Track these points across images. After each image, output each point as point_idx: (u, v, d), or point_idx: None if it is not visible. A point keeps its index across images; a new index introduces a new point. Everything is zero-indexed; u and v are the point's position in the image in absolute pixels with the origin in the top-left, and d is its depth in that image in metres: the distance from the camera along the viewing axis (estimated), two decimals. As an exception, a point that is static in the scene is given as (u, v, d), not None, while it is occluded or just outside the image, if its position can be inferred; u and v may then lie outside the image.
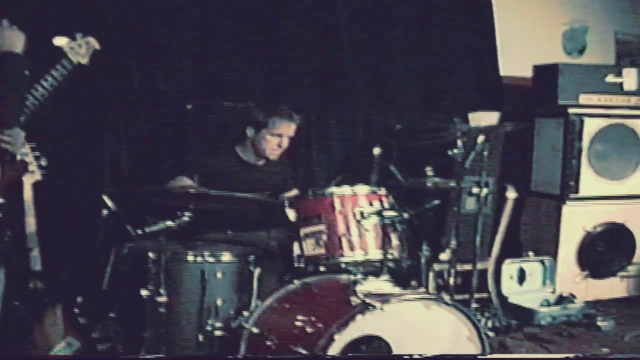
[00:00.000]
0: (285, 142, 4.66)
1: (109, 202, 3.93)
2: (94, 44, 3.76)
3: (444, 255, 5.08)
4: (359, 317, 3.30)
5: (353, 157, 5.66)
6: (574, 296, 5.52)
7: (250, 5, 5.34)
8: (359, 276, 3.69)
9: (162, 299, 3.57)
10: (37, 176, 3.77)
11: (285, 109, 4.67)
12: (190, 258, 3.78)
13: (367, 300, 3.37)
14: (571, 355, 4.58)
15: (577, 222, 5.81)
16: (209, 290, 3.75)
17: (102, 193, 4.03)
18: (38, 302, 3.92)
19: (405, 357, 3.38)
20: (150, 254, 3.70)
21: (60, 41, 3.72)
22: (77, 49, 3.74)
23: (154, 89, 5.04)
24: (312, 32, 5.61)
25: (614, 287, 5.94)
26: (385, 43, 5.92)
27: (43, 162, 3.78)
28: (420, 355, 3.33)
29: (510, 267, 5.59)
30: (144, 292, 3.59)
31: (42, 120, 3.70)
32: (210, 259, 3.80)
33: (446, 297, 3.54)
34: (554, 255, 5.75)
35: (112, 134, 4.91)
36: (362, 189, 3.91)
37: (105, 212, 3.95)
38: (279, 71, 5.48)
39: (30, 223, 3.86)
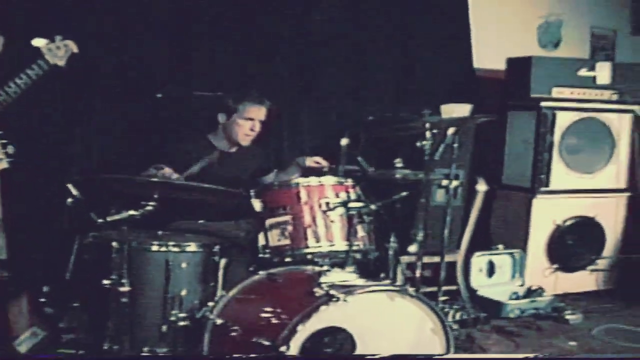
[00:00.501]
0: (257, 126, 4.65)
1: (73, 190, 3.88)
2: (72, 47, 3.76)
3: (412, 248, 5.06)
4: (322, 308, 3.28)
5: (324, 146, 5.63)
6: (543, 289, 5.53)
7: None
8: (324, 267, 3.67)
9: (125, 289, 3.53)
10: (4, 164, 3.75)
11: (255, 94, 4.67)
12: (154, 248, 3.75)
13: (331, 292, 3.35)
14: (531, 355, 4.58)
15: (547, 215, 5.83)
16: (173, 281, 3.72)
17: (66, 181, 3.98)
18: (3, 291, 3.90)
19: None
20: (114, 244, 3.66)
21: (38, 42, 3.71)
22: (55, 50, 3.75)
23: (124, 77, 4.99)
24: (285, 19, 5.58)
25: (583, 281, 5.97)
26: (360, 33, 5.90)
27: (10, 150, 3.75)
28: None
29: (479, 260, 5.59)
30: (106, 282, 3.55)
31: (10, 108, 3.68)
32: (175, 249, 3.77)
33: (410, 289, 3.52)
34: (524, 248, 5.76)
35: (82, 123, 4.86)
36: (328, 180, 3.89)
37: (69, 200, 3.89)
38: (250, 59, 5.44)
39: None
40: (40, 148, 4.66)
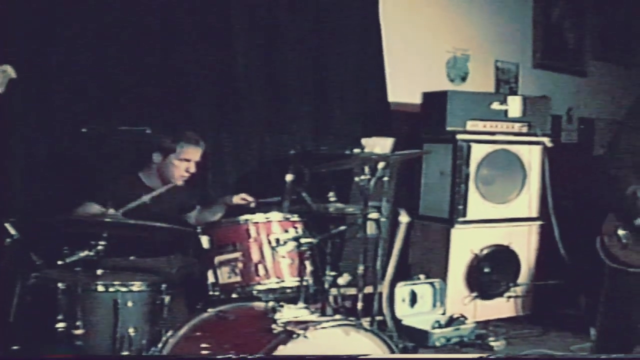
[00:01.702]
0: (192, 167, 4.64)
1: (11, 230, 3.78)
2: (11, 72, 3.65)
3: (342, 280, 5.14)
4: (281, 346, 3.29)
5: (248, 180, 5.66)
6: (464, 317, 5.67)
7: (145, 27, 5.26)
8: (273, 303, 3.68)
9: (79, 331, 3.46)
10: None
11: (192, 135, 4.67)
12: (101, 288, 3.68)
13: (289, 328, 3.37)
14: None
15: (465, 244, 5.99)
16: (122, 320, 3.66)
17: (2, 220, 3.87)
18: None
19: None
20: (60, 285, 3.58)
21: None
22: None
23: (50, 112, 4.89)
24: (206, 52, 5.56)
25: (501, 308, 6.16)
26: (278, 68, 5.94)
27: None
28: None
29: (402, 290, 5.70)
30: (60, 325, 3.46)
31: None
32: (122, 288, 3.70)
33: (364, 323, 3.58)
34: (444, 277, 5.90)
35: (9, 160, 4.73)
36: (275, 216, 3.93)
37: (8, 240, 3.79)
38: (173, 94, 5.41)
39: None
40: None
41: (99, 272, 3.87)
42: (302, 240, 3.81)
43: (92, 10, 5.01)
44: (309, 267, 3.88)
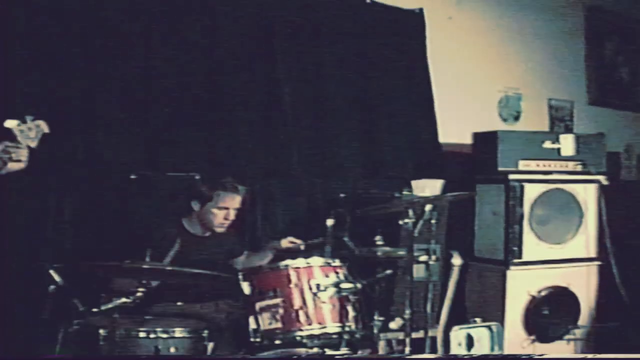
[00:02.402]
0: (232, 215, 4.64)
1: (56, 277, 3.81)
2: (44, 127, 3.69)
3: (394, 324, 5.06)
4: (321, 392, 3.25)
5: (298, 225, 5.64)
6: (522, 361, 5.54)
7: (191, 74, 5.32)
8: (316, 349, 3.64)
9: (119, 379, 3.46)
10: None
11: (229, 182, 4.66)
12: (142, 334, 3.68)
13: (330, 375, 3.32)
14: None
15: (521, 286, 5.84)
16: (163, 368, 3.66)
17: (47, 267, 3.90)
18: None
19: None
20: (101, 331, 3.59)
21: (10, 123, 3.65)
22: (27, 132, 3.67)
23: (97, 159, 4.96)
24: (254, 99, 5.61)
25: (561, 351, 5.96)
26: (327, 111, 5.95)
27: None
28: None
29: (458, 334, 5.57)
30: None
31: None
32: (164, 335, 3.70)
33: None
34: (501, 320, 5.76)
35: (55, 206, 4.79)
36: (316, 261, 3.90)
37: (52, 287, 3.81)
38: (221, 139, 5.44)
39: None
40: (15, 233, 4.58)
41: (142, 318, 3.91)
42: (343, 286, 3.75)
43: (138, 55, 5.10)
44: (351, 313, 3.81)
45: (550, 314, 5.91)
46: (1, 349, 4.14)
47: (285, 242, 4.80)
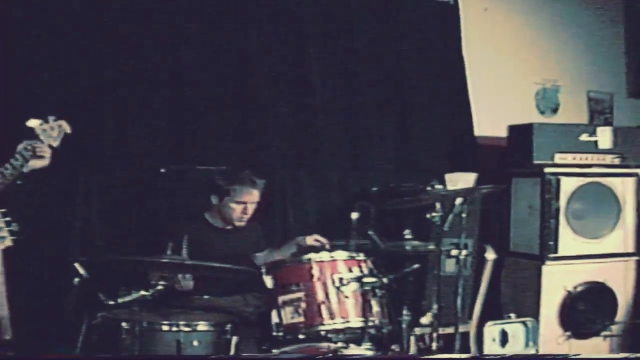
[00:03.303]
0: (250, 209, 4.62)
1: (80, 270, 3.81)
2: (66, 127, 3.72)
3: (425, 319, 5.00)
4: (341, 387, 3.21)
5: (329, 217, 5.60)
6: (557, 357, 5.44)
7: (221, 66, 5.32)
8: (340, 344, 3.60)
9: (139, 371, 3.45)
10: (8, 242, 3.68)
11: (247, 176, 4.63)
12: (165, 327, 3.67)
13: (351, 370, 3.28)
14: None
15: (557, 282, 5.74)
16: (186, 361, 3.64)
17: (73, 260, 3.92)
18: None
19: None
20: (124, 324, 3.58)
21: (32, 123, 3.68)
22: (49, 131, 3.70)
23: (126, 153, 4.97)
24: (285, 91, 5.60)
25: (597, 347, 5.86)
26: (360, 103, 5.91)
27: (14, 227, 3.69)
28: None
29: (492, 329, 5.49)
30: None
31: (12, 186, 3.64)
32: (186, 328, 3.69)
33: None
34: (536, 316, 5.67)
35: (83, 200, 4.82)
36: (340, 255, 3.86)
37: (77, 280, 3.82)
38: (251, 131, 5.45)
39: (0, 290, 3.75)
40: (43, 227, 4.61)
41: (166, 311, 3.90)
42: (366, 280, 3.70)
43: (166, 47, 5.13)
44: (375, 307, 3.76)
45: (586, 309, 5.80)
46: (26, 341, 4.15)
47: (311, 240, 4.71)
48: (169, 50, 5.13)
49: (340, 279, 3.72)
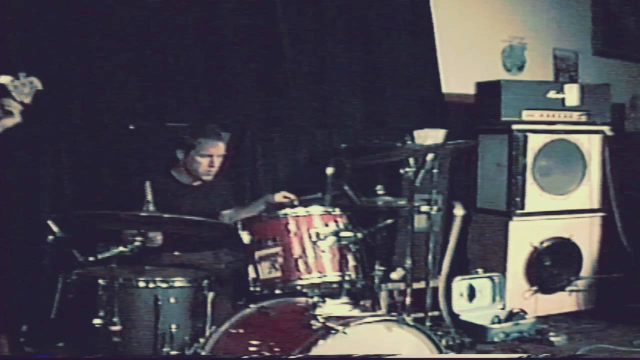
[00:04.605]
0: (216, 162, 4.58)
1: (54, 227, 3.77)
2: (37, 83, 3.64)
3: (395, 275, 5.02)
4: (321, 341, 3.21)
5: (299, 175, 5.61)
6: (524, 312, 5.51)
7: (188, 19, 5.26)
8: (317, 299, 3.60)
9: (117, 328, 3.43)
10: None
11: (212, 129, 4.59)
12: (142, 284, 3.64)
13: (329, 324, 3.28)
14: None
15: (524, 237, 5.84)
16: (163, 317, 3.61)
17: (45, 218, 3.87)
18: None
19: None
20: (100, 281, 3.55)
21: (3, 79, 3.61)
22: (21, 87, 3.63)
23: (96, 109, 4.91)
24: (252, 46, 5.53)
25: (563, 302, 5.98)
26: (328, 60, 5.88)
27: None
28: None
29: (459, 285, 5.57)
30: (97, 321, 3.43)
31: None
32: (163, 285, 3.66)
33: (408, 318, 3.48)
34: (503, 271, 5.75)
35: (51, 157, 4.76)
36: (316, 210, 3.84)
37: (50, 237, 3.77)
38: (221, 88, 5.40)
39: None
40: (13, 184, 4.56)
41: (141, 268, 3.87)
42: (343, 235, 3.71)
43: (134, 5, 5.03)
44: (351, 262, 3.77)
45: (552, 265, 5.91)
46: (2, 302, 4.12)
47: (279, 197, 4.68)
48: (136, 8, 5.03)
49: (317, 234, 3.71)
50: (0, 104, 3.50)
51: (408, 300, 4.44)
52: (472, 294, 5.63)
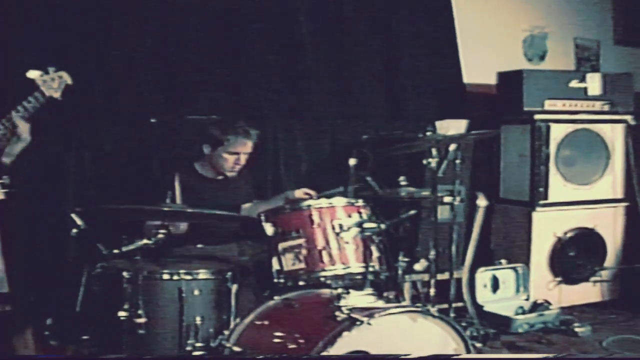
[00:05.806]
0: (242, 160, 4.58)
1: (78, 221, 3.78)
2: (67, 78, 3.67)
3: (418, 266, 5.01)
4: (345, 333, 3.21)
5: (321, 167, 5.60)
6: (548, 303, 5.48)
7: (212, 17, 5.26)
8: (341, 290, 3.60)
9: (141, 320, 3.44)
10: (0, 195, 3.65)
11: (241, 126, 4.56)
12: (166, 276, 3.66)
13: (353, 315, 3.28)
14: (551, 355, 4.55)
15: (547, 228, 5.80)
16: (187, 309, 3.63)
17: (69, 211, 3.88)
18: (6, 325, 3.79)
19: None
20: (125, 274, 3.57)
21: (33, 74, 3.64)
22: (50, 82, 3.66)
23: (118, 103, 4.93)
24: (274, 41, 5.53)
25: (587, 292, 5.95)
26: (349, 52, 5.87)
27: (5, 181, 3.66)
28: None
29: (483, 276, 5.55)
30: (121, 314, 3.45)
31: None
32: (187, 277, 3.68)
33: (432, 310, 3.47)
34: (526, 262, 5.73)
35: (75, 151, 4.79)
36: (339, 201, 3.84)
37: (74, 231, 3.79)
38: (242, 81, 5.40)
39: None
40: (36, 177, 4.59)
41: (165, 260, 3.89)
42: (366, 226, 3.69)
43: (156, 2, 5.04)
44: (375, 253, 3.76)
45: (576, 255, 5.87)
46: (27, 294, 4.15)
47: (300, 193, 4.68)
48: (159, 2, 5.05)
49: (340, 225, 3.70)
50: (11, 126, 3.55)
51: (432, 291, 4.41)
52: (495, 285, 5.61)
